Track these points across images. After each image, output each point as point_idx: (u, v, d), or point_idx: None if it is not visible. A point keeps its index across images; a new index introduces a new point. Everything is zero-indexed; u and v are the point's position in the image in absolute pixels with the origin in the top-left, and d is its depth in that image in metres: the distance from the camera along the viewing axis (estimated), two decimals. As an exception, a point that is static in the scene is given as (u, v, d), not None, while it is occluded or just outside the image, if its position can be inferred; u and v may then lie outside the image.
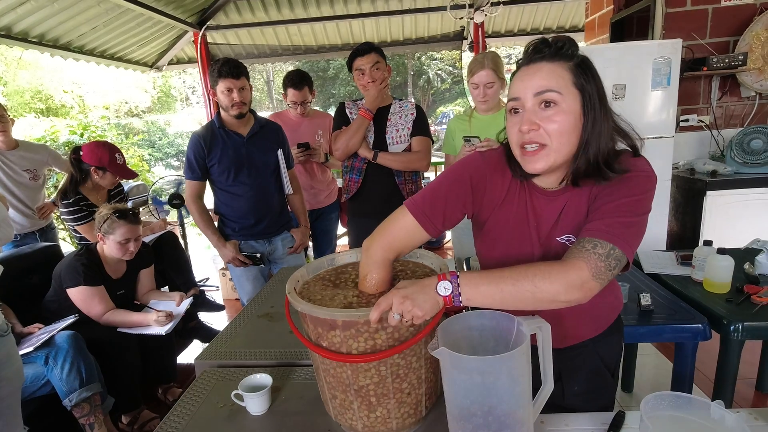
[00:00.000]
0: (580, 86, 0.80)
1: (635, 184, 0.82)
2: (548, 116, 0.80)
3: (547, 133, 0.80)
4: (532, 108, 0.81)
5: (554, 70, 0.80)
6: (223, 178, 2.08)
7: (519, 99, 0.82)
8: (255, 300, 1.67)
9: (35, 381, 1.79)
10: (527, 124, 0.81)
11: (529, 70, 0.82)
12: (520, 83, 0.83)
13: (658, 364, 2.35)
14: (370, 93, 1.99)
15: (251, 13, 4.82)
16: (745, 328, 1.40)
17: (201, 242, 4.45)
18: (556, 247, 0.91)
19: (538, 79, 0.80)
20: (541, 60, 0.82)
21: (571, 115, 0.80)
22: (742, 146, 2.84)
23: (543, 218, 0.92)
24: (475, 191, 0.94)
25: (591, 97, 0.81)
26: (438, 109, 18.11)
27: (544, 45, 0.82)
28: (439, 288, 0.77)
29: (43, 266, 2.21)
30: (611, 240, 0.77)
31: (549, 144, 0.81)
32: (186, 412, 1.04)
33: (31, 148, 2.81)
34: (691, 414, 0.75)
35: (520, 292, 0.76)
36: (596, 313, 1.00)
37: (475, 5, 4.49)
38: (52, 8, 3.38)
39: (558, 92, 0.79)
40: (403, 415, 0.88)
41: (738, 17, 3.01)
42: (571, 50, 0.82)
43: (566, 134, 0.81)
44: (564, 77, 0.80)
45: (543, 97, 0.80)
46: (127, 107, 14.46)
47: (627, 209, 0.80)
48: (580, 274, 0.75)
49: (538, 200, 0.92)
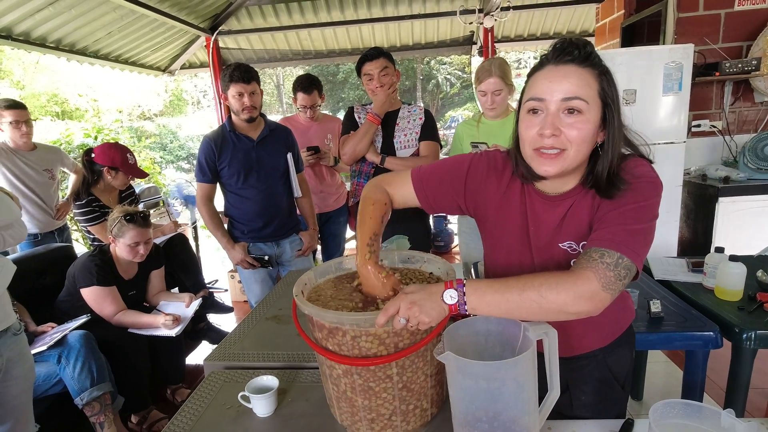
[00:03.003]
0: (604, 96, 0.79)
1: (641, 190, 0.81)
2: (571, 123, 0.78)
3: (568, 139, 0.79)
4: (555, 112, 0.79)
5: (584, 76, 0.78)
6: (233, 181, 2.11)
7: (544, 100, 0.79)
8: (263, 302, 1.68)
9: (47, 379, 1.82)
10: (550, 128, 0.78)
11: (558, 71, 0.79)
12: (546, 84, 0.79)
13: (668, 372, 2.32)
14: (378, 98, 2.00)
15: (263, 19, 4.87)
16: (758, 337, 1.37)
17: (212, 244, 4.48)
18: (557, 254, 0.90)
19: (567, 84, 0.78)
20: (571, 63, 0.79)
21: (592, 125, 0.79)
22: (755, 152, 2.79)
23: (543, 224, 0.91)
24: (467, 182, 0.96)
25: (611, 108, 0.80)
26: (447, 113, 18.12)
27: (574, 47, 0.79)
28: (445, 296, 0.77)
29: (57, 266, 2.25)
30: (618, 249, 0.76)
31: (568, 150, 0.80)
32: (193, 414, 1.05)
33: (47, 149, 2.95)
34: (701, 423, 0.74)
35: (525, 302, 0.74)
36: (604, 323, 0.99)
37: (485, 10, 4.49)
38: (69, 14, 3.46)
39: (585, 101, 0.78)
40: (409, 420, 0.88)
41: (751, 22, 2.97)
42: (598, 58, 0.81)
43: (585, 143, 0.80)
44: (592, 86, 0.79)
45: (570, 104, 0.78)
46: (139, 111, 14.69)
47: (634, 216, 0.79)
48: (589, 285, 0.73)
49: (539, 205, 0.91)
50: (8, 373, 1.44)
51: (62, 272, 2.15)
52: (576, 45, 0.80)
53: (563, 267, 0.89)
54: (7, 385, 1.44)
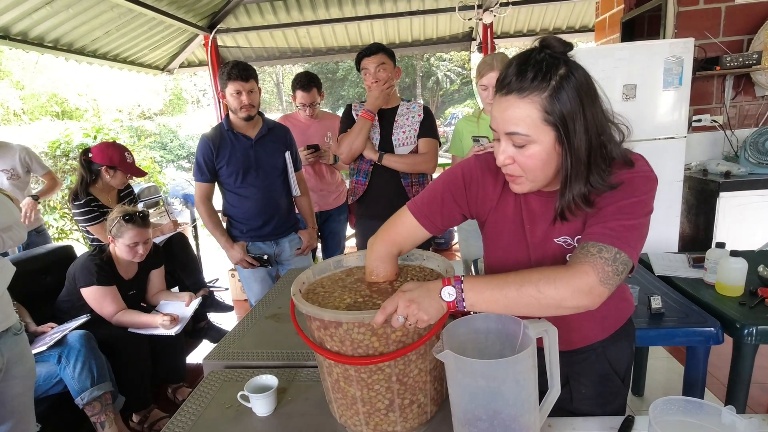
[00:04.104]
0: (552, 121, 0.76)
1: (635, 185, 0.80)
2: (520, 152, 0.80)
3: (522, 167, 0.81)
4: (505, 143, 0.81)
5: (523, 108, 0.76)
6: (231, 180, 2.10)
7: (496, 131, 0.82)
8: (262, 301, 1.68)
9: (48, 379, 1.82)
10: (503, 156, 0.81)
11: (501, 104, 0.79)
12: (494, 114, 0.81)
13: (669, 368, 2.32)
14: (372, 94, 1.99)
15: (261, 16, 4.86)
16: (759, 332, 1.37)
17: (213, 243, 4.49)
18: (553, 249, 0.90)
19: (506, 119, 0.78)
20: (509, 93, 0.77)
21: (543, 152, 0.78)
22: (756, 146, 2.78)
23: (538, 219, 0.91)
24: (468, 191, 0.96)
25: (566, 127, 0.76)
26: (447, 110, 18.08)
27: (513, 75, 0.77)
28: (443, 293, 0.77)
29: (56, 266, 2.25)
30: (615, 244, 0.76)
31: (525, 175, 0.82)
32: (193, 413, 1.04)
33: (6, 147, 2.81)
34: (702, 419, 0.73)
35: (523, 298, 0.74)
36: (604, 315, 0.99)
37: (484, 6, 4.47)
38: (67, 13, 3.45)
39: (525, 135, 0.77)
40: (408, 418, 0.88)
41: (752, 15, 2.95)
42: (551, 68, 0.75)
43: (539, 168, 0.80)
44: (532, 116, 0.76)
45: (512, 139, 0.79)
46: (139, 110, 14.67)
47: (629, 211, 0.78)
48: (587, 279, 0.73)
49: (533, 201, 0.91)
50: (9, 372, 1.45)
51: (62, 272, 2.15)
52: (516, 70, 0.76)
53: (559, 262, 0.89)
54: (8, 384, 1.45)
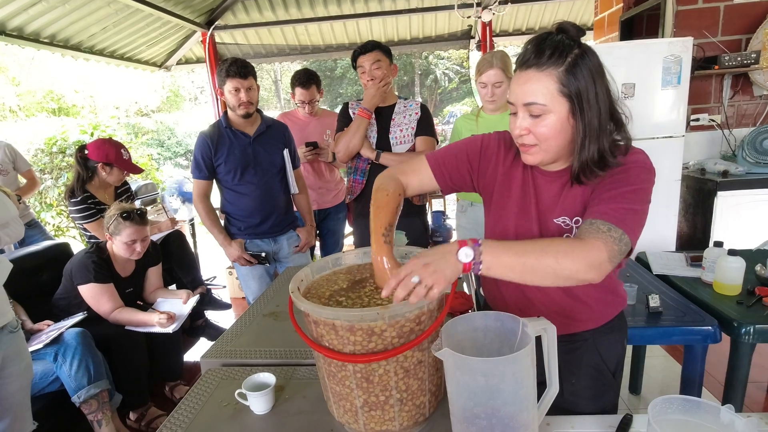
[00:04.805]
0: (567, 93, 0.83)
1: (635, 174, 0.86)
2: (536, 123, 0.86)
3: (537, 137, 0.87)
4: (522, 115, 0.87)
5: (541, 80, 0.83)
6: (229, 177, 2.09)
7: (514, 105, 0.89)
8: (260, 299, 1.67)
9: (44, 377, 1.81)
10: (518, 129, 0.88)
11: (519, 78, 0.86)
12: (513, 89, 0.88)
13: (666, 367, 2.32)
14: (369, 92, 1.97)
15: (259, 13, 4.84)
16: (756, 331, 1.37)
17: (211, 240, 4.48)
18: (551, 227, 0.94)
19: (525, 90, 0.85)
20: (530, 68, 0.84)
21: (557, 122, 0.85)
22: (754, 146, 2.79)
23: (542, 197, 0.96)
24: (482, 156, 1.02)
25: (581, 100, 0.83)
26: (445, 108, 18.06)
27: (532, 52, 0.84)
28: (460, 254, 0.77)
29: (53, 264, 2.24)
30: (621, 226, 0.80)
31: (539, 145, 0.88)
32: (190, 411, 1.04)
33: None
34: (701, 418, 0.73)
35: (541, 266, 0.77)
36: (595, 300, 1.01)
37: (483, 4, 4.46)
38: (63, 9, 3.42)
39: (543, 105, 0.84)
40: (406, 416, 0.88)
41: (750, 15, 2.96)
42: (566, 49, 0.82)
43: (553, 137, 0.86)
44: (550, 88, 0.83)
45: (529, 109, 0.86)
46: (136, 107, 14.60)
47: (630, 198, 0.83)
48: (599, 254, 0.77)
49: (539, 179, 0.97)
50: (5, 370, 1.44)
51: (59, 269, 2.14)
52: (536, 48, 0.84)
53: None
54: (5, 382, 1.44)
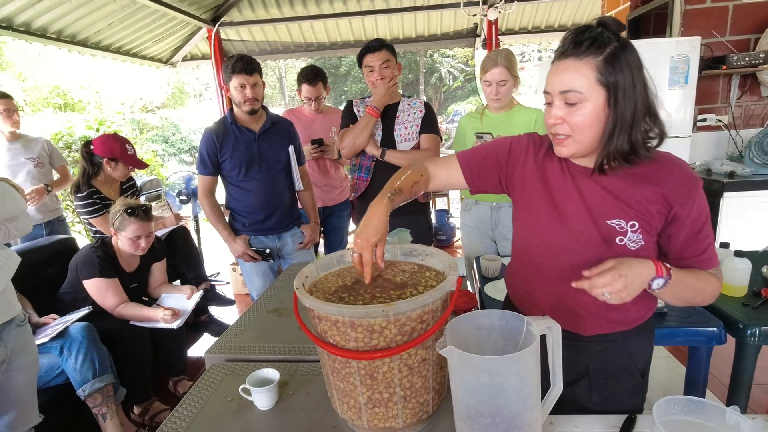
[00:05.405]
0: (605, 83, 0.83)
1: (703, 195, 0.91)
2: (572, 112, 0.87)
3: (571, 126, 0.88)
4: (558, 104, 0.88)
5: (579, 69, 0.84)
6: (234, 173, 2.10)
7: (549, 94, 0.90)
8: (264, 295, 1.68)
9: (50, 371, 1.83)
10: (553, 118, 0.89)
11: (557, 67, 0.88)
12: (549, 79, 0.89)
13: (670, 368, 2.31)
14: (378, 91, 1.98)
15: (264, 10, 4.84)
16: (762, 333, 1.36)
17: (215, 236, 4.49)
18: (605, 229, 0.92)
19: (563, 78, 0.86)
20: (568, 57, 0.86)
21: (593, 111, 0.85)
22: (761, 147, 2.76)
23: (586, 195, 0.95)
24: (510, 157, 1.04)
25: (617, 91, 0.83)
26: (450, 106, 18.03)
27: (570, 43, 0.85)
28: (653, 284, 0.85)
29: (59, 258, 2.26)
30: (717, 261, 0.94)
31: (573, 135, 0.88)
32: (194, 406, 1.05)
33: (31, 138, 2.95)
34: (705, 419, 0.73)
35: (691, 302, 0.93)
36: (634, 301, 0.98)
37: (489, 2, 4.45)
38: (70, 5, 3.44)
39: (580, 92, 0.84)
40: (410, 414, 0.88)
41: (759, 14, 2.93)
42: (605, 41, 0.83)
43: (588, 128, 0.87)
44: (588, 76, 0.84)
45: (566, 97, 0.86)
46: (141, 103, 14.66)
47: (708, 230, 0.92)
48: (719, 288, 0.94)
49: (580, 179, 0.95)
50: (12, 363, 1.45)
51: (64, 264, 2.15)
52: (576, 38, 0.85)
53: (608, 243, 0.92)
54: (11, 375, 1.45)
